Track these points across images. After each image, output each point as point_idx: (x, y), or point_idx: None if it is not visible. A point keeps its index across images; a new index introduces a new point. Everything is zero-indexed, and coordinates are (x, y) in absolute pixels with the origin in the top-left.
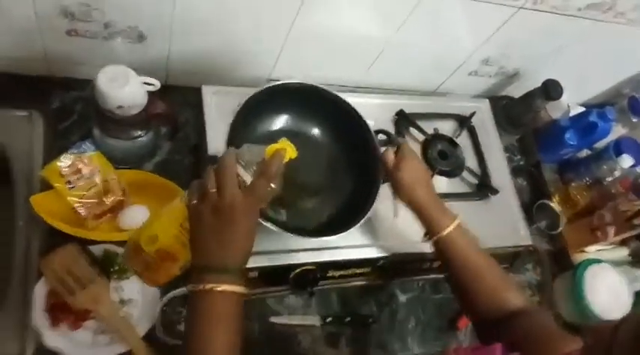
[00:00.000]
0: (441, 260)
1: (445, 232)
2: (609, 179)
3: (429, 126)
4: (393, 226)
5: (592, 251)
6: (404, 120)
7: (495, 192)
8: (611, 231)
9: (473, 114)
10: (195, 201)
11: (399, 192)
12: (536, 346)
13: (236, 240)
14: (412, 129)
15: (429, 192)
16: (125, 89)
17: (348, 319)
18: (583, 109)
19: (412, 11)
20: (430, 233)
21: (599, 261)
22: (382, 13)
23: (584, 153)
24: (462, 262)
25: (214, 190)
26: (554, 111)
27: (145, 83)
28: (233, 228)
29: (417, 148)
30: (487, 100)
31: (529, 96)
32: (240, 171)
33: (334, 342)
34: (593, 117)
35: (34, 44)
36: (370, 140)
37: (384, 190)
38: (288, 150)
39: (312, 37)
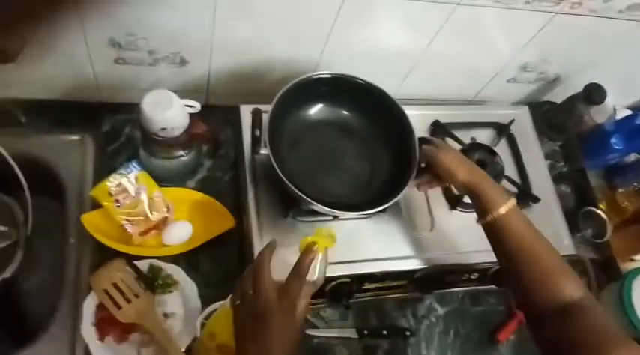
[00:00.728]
0: (494, 243)
1: (501, 211)
2: None
3: (466, 136)
4: (429, 238)
5: None
6: (440, 130)
7: (536, 200)
8: None
9: (512, 121)
10: (237, 302)
11: (450, 173)
12: (587, 347)
13: (272, 348)
14: (449, 140)
15: (480, 171)
16: (168, 113)
17: (385, 332)
18: (630, 112)
19: (446, 21)
20: (483, 213)
21: None
22: (415, 25)
23: (632, 157)
24: (516, 244)
25: (251, 292)
26: (599, 115)
27: (187, 105)
28: (268, 333)
29: None
30: (526, 107)
31: (571, 101)
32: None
33: None
34: (639, 121)
35: (85, 73)
36: (405, 121)
37: (421, 202)
38: (321, 242)
39: (346, 52)
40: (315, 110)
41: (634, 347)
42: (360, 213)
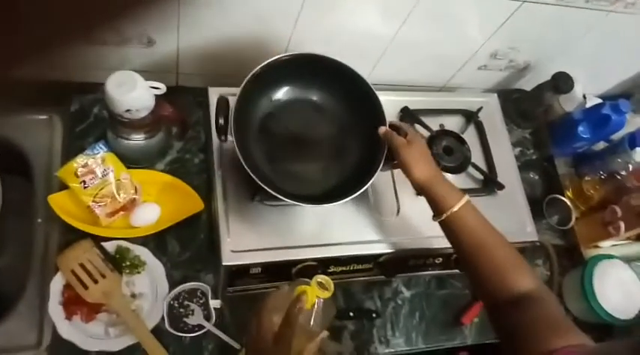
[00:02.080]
0: (450, 240)
1: (453, 209)
2: (624, 173)
3: (434, 123)
4: (395, 222)
5: (606, 246)
6: (408, 116)
7: (501, 187)
8: (623, 225)
9: (480, 109)
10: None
11: (406, 172)
12: (536, 337)
13: None
14: (417, 126)
15: (436, 171)
16: (132, 94)
17: (352, 313)
18: (600, 101)
19: (415, 6)
20: (438, 211)
21: (610, 257)
22: (385, 9)
23: (601, 145)
24: (470, 240)
25: (254, 334)
26: (568, 103)
27: (152, 87)
28: None
29: None
30: (495, 95)
31: (539, 89)
32: (275, 318)
33: (338, 336)
34: (606, 110)
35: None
36: (377, 105)
37: (387, 187)
38: (311, 293)
39: (316, 35)
40: (285, 92)
41: (579, 335)
42: (323, 205)
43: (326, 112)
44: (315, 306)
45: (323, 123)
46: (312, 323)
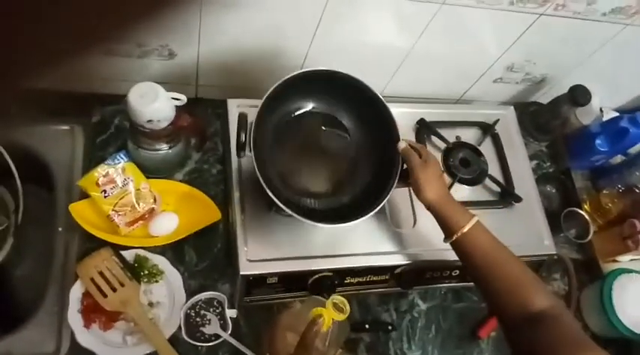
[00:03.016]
0: (462, 261)
1: (464, 230)
2: None
3: (451, 135)
4: (411, 234)
5: (625, 260)
6: (425, 128)
7: (519, 199)
8: None
9: (497, 121)
10: None
11: (419, 191)
12: None
13: None
14: (434, 138)
15: (446, 192)
16: (154, 105)
17: (368, 326)
18: (617, 114)
19: (432, 20)
20: (448, 233)
21: (629, 271)
22: (402, 22)
23: (618, 159)
24: (481, 260)
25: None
26: (585, 116)
27: (173, 98)
28: None
29: (438, 156)
30: (512, 107)
31: (556, 102)
32: (289, 336)
33: (353, 348)
34: (624, 123)
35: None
36: (392, 125)
37: (404, 198)
38: (327, 314)
39: (334, 48)
40: (303, 108)
41: (599, 352)
42: (336, 225)
43: (341, 128)
44: (331, 327)
45: (338, 139)
46: (327, 343)
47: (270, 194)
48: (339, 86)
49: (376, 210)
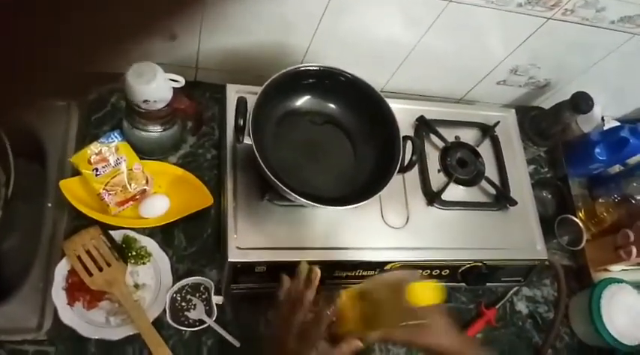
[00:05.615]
0: None
1: None
2: (639, 197)
3: (450, 134)
4: (403, 231)
5: (616, 270)
6: (424, 126)
7: (514, 203)
8: (635, 250)
9: (497, 123)
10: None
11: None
12: None
13: None
14: (433, 136)
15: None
16: (151, 84)
17: None
18: (618, 124)
19: (438, 17)
20: None
21: (620, 281)
22: (407, 19)
23: (616, 168)
24: None
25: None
26: (586, 124)
27: (171, 79)
28: None
29: (435, 155)
30: (513, 110)
31: (558, 108)
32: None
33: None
34: (624, 133)
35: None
36: (391, 120)
37: (398, 195)
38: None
39: (336, 42)
40: (302, 101)
41: None
42: (336, 207)
43: (341, 123)
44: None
45: (337, 133)
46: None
47: (272, 177)
48: (341, 83)
49: (372, 197)
